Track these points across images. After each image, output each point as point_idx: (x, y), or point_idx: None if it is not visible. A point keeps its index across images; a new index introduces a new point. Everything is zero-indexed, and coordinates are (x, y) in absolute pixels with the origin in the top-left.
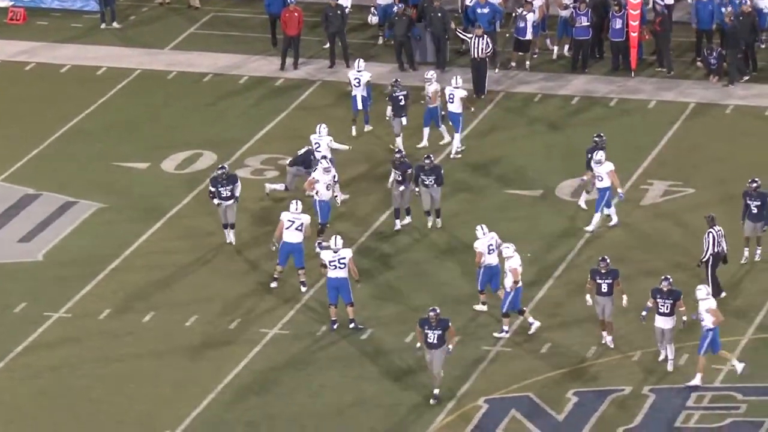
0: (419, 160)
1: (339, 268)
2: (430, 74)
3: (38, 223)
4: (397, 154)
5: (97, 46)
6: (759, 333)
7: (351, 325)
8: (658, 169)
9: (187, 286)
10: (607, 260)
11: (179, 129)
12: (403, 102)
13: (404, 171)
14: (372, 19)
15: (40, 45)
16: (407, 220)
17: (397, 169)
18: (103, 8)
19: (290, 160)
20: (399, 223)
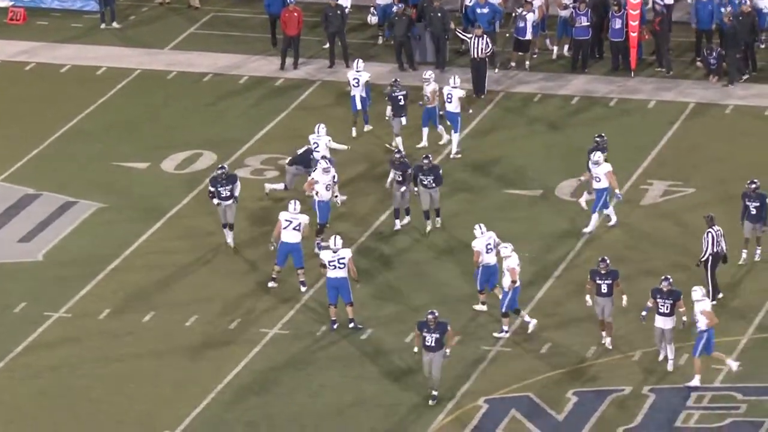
0: (418, 160)
1: (338, 268)
2: (428, 74)
3: (38, 223)
4: (397, 154)
5: (97, 46)
6: (758, 333)
7: (350, 324)
8: (658, 169)
9: (187, 286)
10: (606, 261)
11: (179, 129)
12: (402, 102)
13: (404, 171)
14: (371, 19)
15: (40, 45)
16: (407, 219)
17: (397, 170)
18: (103, 8)
19: (289, 159)
20: (399, 223)
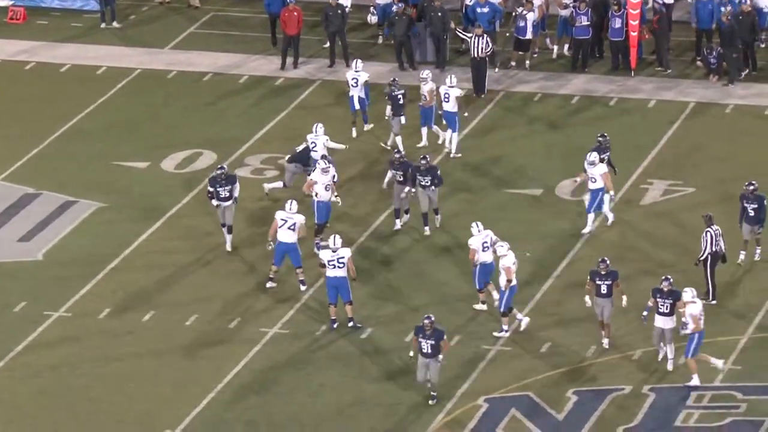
0: (416, 161)
1: (338, 267)
2: (426, 73)
3: (38, 223)
4: (397, 154)
5: (97, 46)
6: (758, 332)
7: (350, 323)
8: (658, 169)
9: (186, 285)
10: (606, 262)
11: (179, 128)
12: (402, 101)
13: (405, 171)
14: (371, 19)
15: (40, 44)
16: (406, 218)
17: (397, 170)
18: (103, 8)
19: (288, 157)
20: (399, 223)
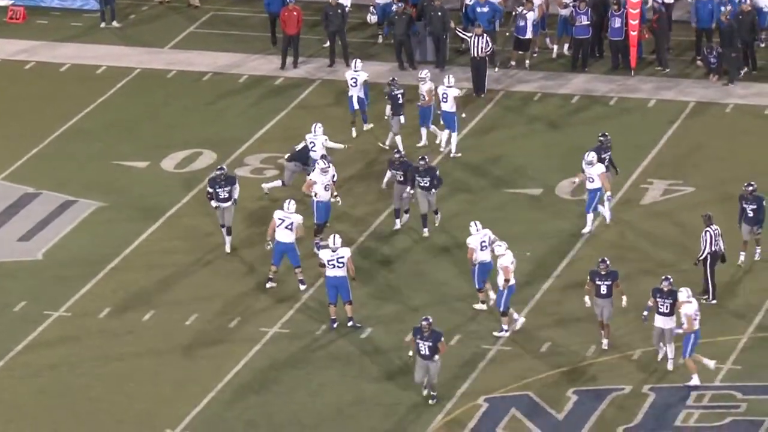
0: (414, 162)
1: (337, 267)
2: (424, 73)
3: (38, 222)
4: (397, 154)
5: (96, 45)
6: (758, 332)
7: (349, 323)
8: (658, 168)
9: (186, 285)
10: (606, 262)
11: (179, 128)
12: (401, 100)
13: (405, 170)
14: (371, 18)
15: (40, 44)
16: (405, 218)
17: (397, 170)
18: (103, 7)
19: (288, 156)
20: (399, 223)
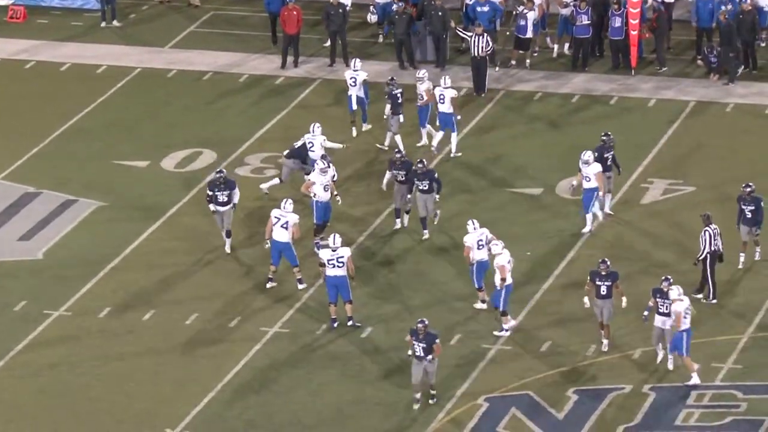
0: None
1: (337, 266)
2: (422, 73)
3: (38, 222)
4: (398, 154)
5: (97, 45)
6: (758, 332)
7: (349, 322)
8: (659, 168)
9: (186, 284)
10: (607, 262)
11: (179, 127)
12: (400, 99)
13: (407, 170)
14: (371, 18)
15: (41, 43)
16: (406, 218)
17: (399, 170)
18: (104, 6)
19: (287, 152)
20: (399, 222)
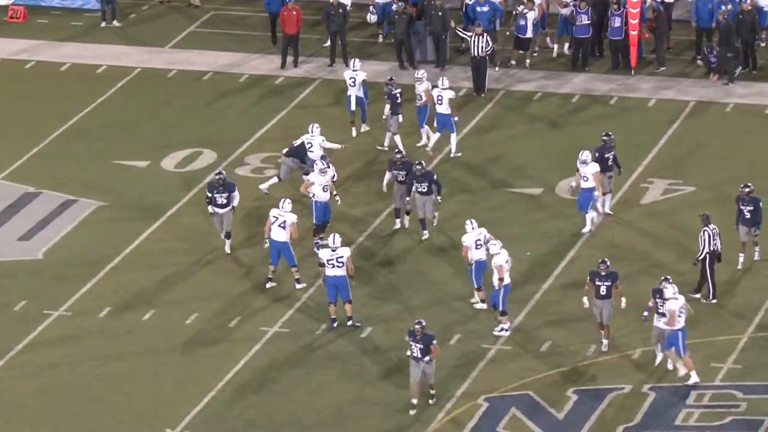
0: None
1: (337, 266)
2: (420, 73)
3: (38, 222)
4: (398, 154)
5: (97, 45)
6: (758, 332)
7: (349, 322)
8: (659, 168)
9: (186, 284)
10: (607, 263)
11: (179, 127)
12: (399, 100)
13: (408, 170)
14: (371, 18)
15: (41, 43)
16: (406, 219)
17: (399, 170)
18: (104, 6)
19: (286, 150)
20: (399, 222)
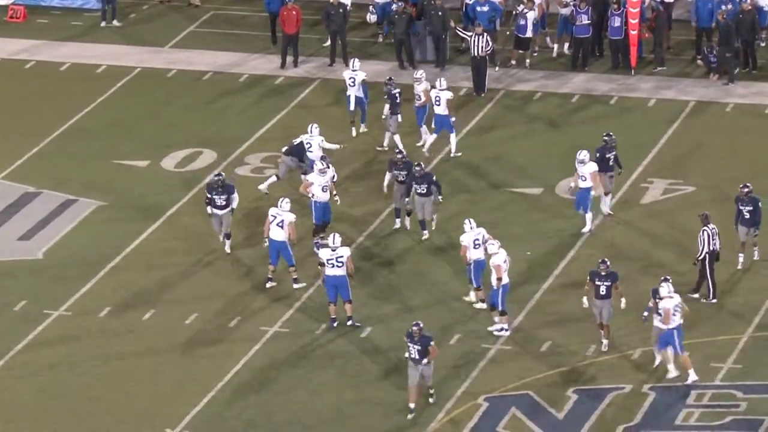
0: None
1: (337, 266)
2: (419, 73)
3: (38, 221)
4: (399, 154)
5: (97, 44)
6: (758, 332)
7: (349, 322)
8: (658, 168)
9: (186, 284)
10: (607, 263)
11: (179, 127)
12: (399, 99)
13: (408, 170)
14: (371, 18)
15: (41, 43)
16: (407, 219)
17: (400, 170)
18: (104, 6)
19: (285, 149)
20: (399, 222)
